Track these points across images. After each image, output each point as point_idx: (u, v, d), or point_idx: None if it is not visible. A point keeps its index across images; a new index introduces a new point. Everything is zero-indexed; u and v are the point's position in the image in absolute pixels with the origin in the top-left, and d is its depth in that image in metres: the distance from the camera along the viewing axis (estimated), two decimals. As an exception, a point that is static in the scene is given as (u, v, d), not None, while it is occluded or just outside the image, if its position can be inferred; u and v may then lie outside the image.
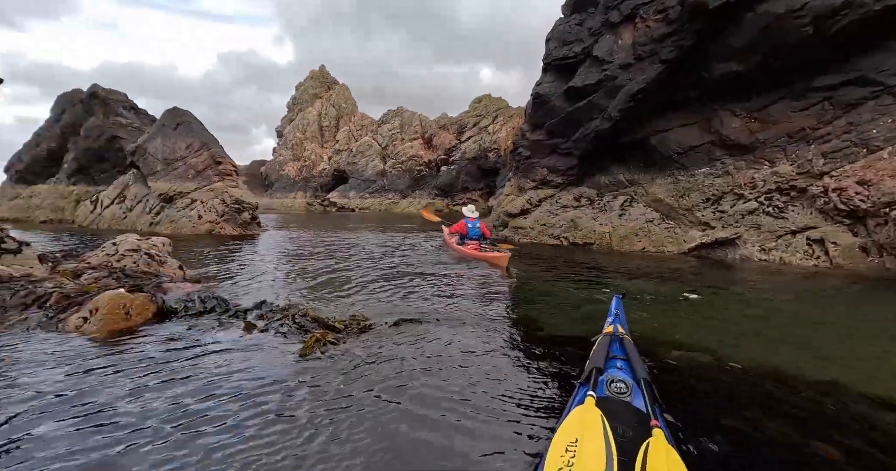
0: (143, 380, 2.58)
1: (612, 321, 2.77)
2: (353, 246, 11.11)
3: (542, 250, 10.80)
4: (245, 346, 3.15)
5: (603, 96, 10.20)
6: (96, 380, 2.56)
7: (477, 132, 54.65)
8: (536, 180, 12.35)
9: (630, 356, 2.25)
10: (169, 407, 2.28)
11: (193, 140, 14.12)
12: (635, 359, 2.20)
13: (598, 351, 2.29)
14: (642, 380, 1.95)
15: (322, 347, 3.11)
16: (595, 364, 2.09)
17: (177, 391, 2.46)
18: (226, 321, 3.61)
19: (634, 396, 1.88)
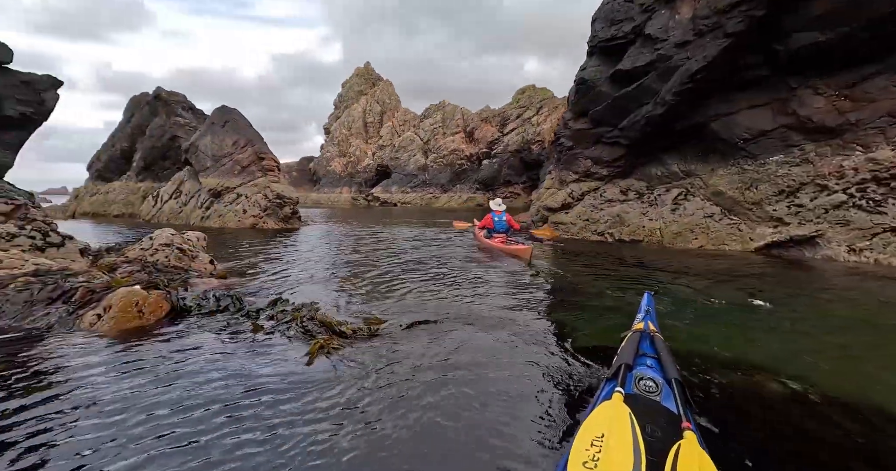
0: (126, 385, 2.47)
1: (643, 318, 2.69)
2: (384, 240, 11.01)
3: (585, 247, 10.07)
4: (247, 351, 2.98)
5: (655, 79, 9.22)
6: (77, 384, 2.48)
7: (520, 124, 53.19)
8: (579, 172, 11.54)
9: (661, 355, 2.15)
10: (139, 417, 2.13)
11: (239, 137, 14.70)
12: (666, 358, 2.10)
13: (628, 347, 2.20)
14: (673, 380, 1.87)
15: (326, 354, 2.88)
16: (624, 360, 2.01)
17: (157, 398, 2.31)
18: (235, 322, 3.48)
19: (664, 396, 1.80)
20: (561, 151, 12.02)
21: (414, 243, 10.15)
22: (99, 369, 2.66)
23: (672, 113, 9.10)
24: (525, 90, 57.80)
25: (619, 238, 10.40)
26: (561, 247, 9.82)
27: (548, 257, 8.36)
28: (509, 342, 3.33)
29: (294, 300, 4.41)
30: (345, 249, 9.30)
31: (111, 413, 2.17)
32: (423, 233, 13.13)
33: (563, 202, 11.71)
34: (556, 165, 12.49)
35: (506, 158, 50.40)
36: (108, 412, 2.18)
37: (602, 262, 7.82)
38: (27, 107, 6.30)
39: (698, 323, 3.97)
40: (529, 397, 2.46)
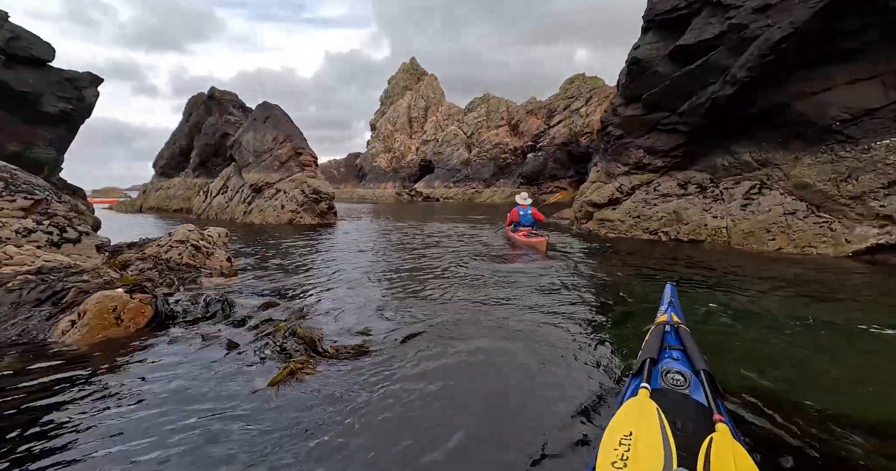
0: (48, 415, 2.10)
1: (667, 310, 2.61)
2: (411, 237, 10.56)
3: (635, 247, 8.97)
4: (213, 371, 2.56)
5: (725, 54, 7.89)
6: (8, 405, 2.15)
7: (568, 115, 50.75)
8: (629, 164, 10.34)
9: (687, 346, 2.07)
10: (59, 444, 1.72)
11: (279, 133, 14.90)
12: (692, 349, 2.02)
13: (652, 341, 2.12)
14: (702, 371, 1.80)
15: (297, 380, 2.38)
16: (648, 354, 1.94)
17: (89, 424, 1.92)
18: (215, 334, 3.10)
19: (694, 388, 1.74)
20: (608, 140, 10.86)
21: (441, 241, 9.60)
22: (32, 393, 2.33)
23: (745, 93, 7.74)
24: (574, 80, 55.07)
25: (676, 237, 9.17)
26: (608, 247, 8.80)
27: (590, 258, 7.45)
28: (525, 365, 2.66)
29: (291, 305, 4.01)
30: (368, 247, 8.94)
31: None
32: (454, 229, 12.54)
33: (611, 197, 10.58)
34: (602, 157, 11.33)
35: (552, 152, 48.41)
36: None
37: (656, 264, 6.79)
38: (67, 103, 6.49)
39: (802, 356, 3.03)
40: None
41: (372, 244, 9.31)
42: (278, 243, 9.36)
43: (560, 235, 11.64)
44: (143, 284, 3.75)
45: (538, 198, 47.32)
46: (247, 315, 3.43)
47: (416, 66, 78.14)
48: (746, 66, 7.40)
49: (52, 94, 6.25)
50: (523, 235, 8.32)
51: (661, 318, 2.51)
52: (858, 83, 6.98)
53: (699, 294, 4.91)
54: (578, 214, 11.69)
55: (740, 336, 3.43)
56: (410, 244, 9.47)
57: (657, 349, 2.02)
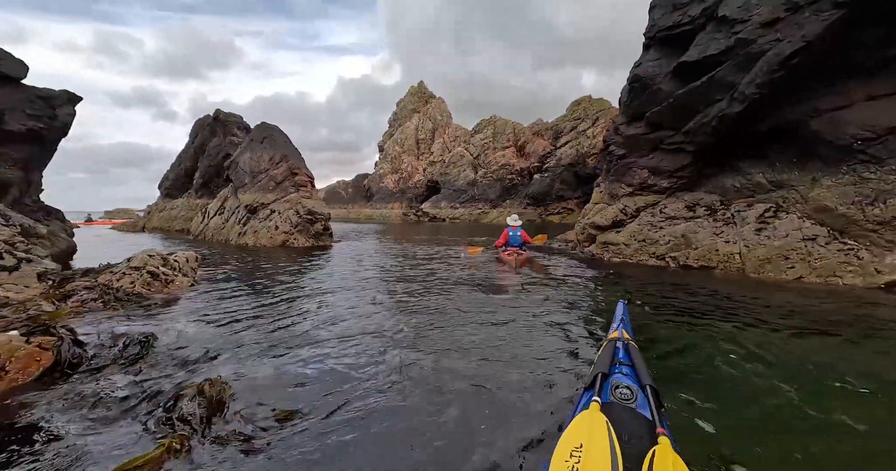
0: None
1: (618, 326, 2.74)
2: (407, 260, 10.04)
3: (640, 273, 8.32)
4: (77, 448, 2.01)
5: (732, 70, 7.44)
6: None
7: (574, 137, 50.83)
8: (633, 185, 9.80)
9: (635, 362, 2.14)
10: None
11: (275, 152, 14.74)
12: (640, 365, 2.09)
13: (604, 356, 2.22)
14: (648, 386, 1.86)
15: (174, 457, 1.82)
16: (600, 369, 2.02)
17: None
18: (110, 389, 2.55)
19: (640, 402, 1.79)
20: (611, 160, 10.37)
21: (435, 267, 9.05)
22: None
23: (754, 110, 7.24)
24: (580, 101, 55.43)
25: (685, 263, 8.49)
26: (610, 273, 8.16)
27: (589, 285, 6.83)
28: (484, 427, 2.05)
29: (229, 347, 3.46)
30: (353, 275, 8.40)
31: None
32: (449, 252, 12.01)
33: (614, 219, 9.99)
34: (605, 177, 10.82)
35: (559, 173, 48.19)
36: None
37: (660, 293, 6.13)
38: (37, 121, 6.25)
39: (811, 422, 2.37)
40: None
41: (359, 272, 8.78)
42: (258, 269, 8.89)
43: (561, 258, 11.02)
44: (52, 323, 3.24)
45: (544, 218, 46.76)
46: (166, 360, 2.89)
47: (423, 89, 79.76)
48: (755, 82, 6.93)
49: (20, 112, 6.04)
50: (508, 255, 9.12)
51: (612, 334, 2.59)
52: (880, 99, 6.43)
53: (706, 329, 4.25)
54: (581, 237, 11.09)
55: (749, 387, 2.79)
56: (399, 270, 8.94)
57: (608, 364, 2.09)
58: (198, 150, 24.56)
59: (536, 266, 9.56)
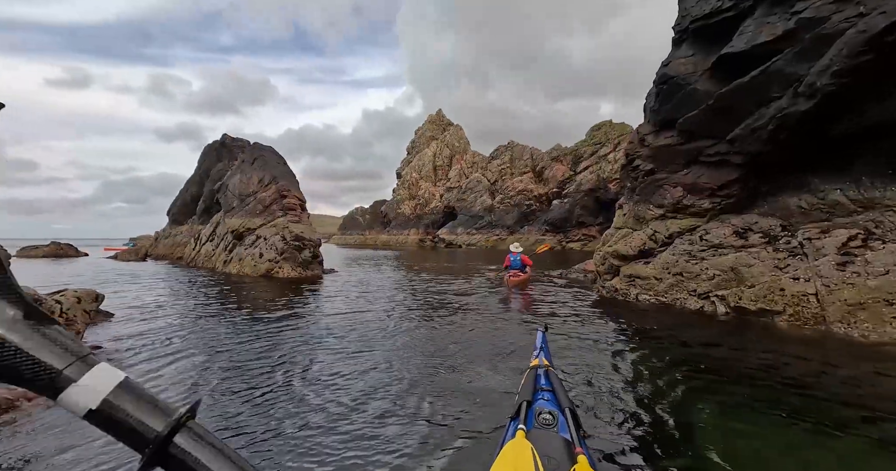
0: None
1: (538, 354, 2.82)
2: (408, 298, 8.49)
3: (674, 320, 6.48)
4: None
5: (794, 59, 5.82)
6: None
7: (595, 162, 49.28)
8: (665, 206, 8.05)
9: (555, 387, 2.25)
10: None
11: (265, 174, 13.75)
12: (559, 389, 2.20)
13: (526, 384, 2.30)
14: (567, 409, 1.97)
15: None
16: (524, 398, 2.09)
17: None
18: None
19: (561, 426, 1.89)
20: (636, 177, 8.70)
21: (438, 306, 7.45)
22: None
23: (829, 107, 5.53)
24: (601, 126, 54.17)
25: (738, 304, 6.58)
26: (632, 324, 6.34)
27: (602, 347, 5.06)
28: None
29: None
30: (330, 323, 6.89)
31: None
32: (456, 284, 10.39)
33: (642, 247, 8.19)
34: (629, 197, 9.10)
35: (579, 198, 46.30)
36: None
37: (711, 365, 4.32)
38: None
39: None
40: None
41: (337, 319, 7.26)
42: (203, 314, 7.50)
43: (577, 296, 9.20)
44: None
45: (565, 246, 44.53)
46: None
47: (441, 117, 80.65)
48: (831, 70, 5.26)
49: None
50: (510, 276, 10.41)
51: (533, 362, 2.66)
52: None
53: (777, 438, 2.46)
54: (601, 268, 9.27)
55: None
56: (397, 311, 7.38)
57: (531, 392, 2.17)
58: (203, 175, 24.25)
59: (542, 307, 7.81)
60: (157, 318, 6.84)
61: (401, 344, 5.13)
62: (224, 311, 7.50)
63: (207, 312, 7.45)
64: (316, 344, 5.17)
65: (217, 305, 8.09)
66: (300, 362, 4.40)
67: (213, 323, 6.52)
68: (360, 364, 4.31)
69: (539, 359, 2.68)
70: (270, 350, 4.93)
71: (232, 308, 7.73)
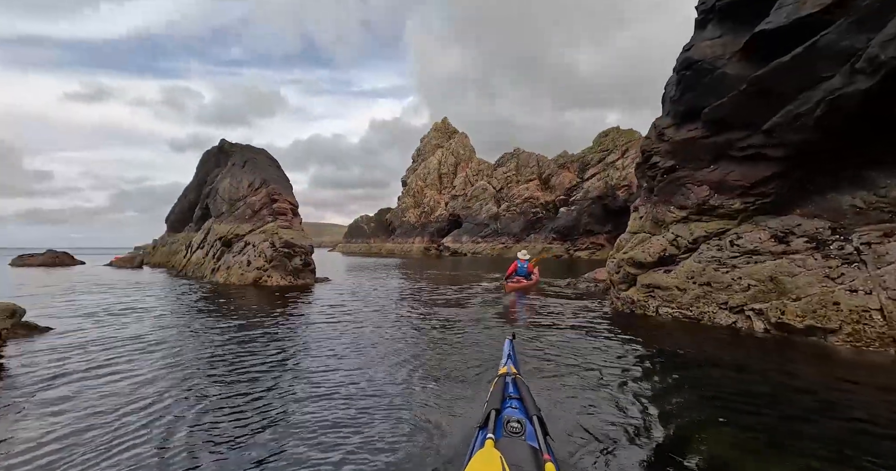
0: None
1: (506, 362, 2.83)
2: (403, 316, 7.63)
3: (703, 338, 5.53)
4: None
5: (848, 31, 4.93)
6: None
7: (602, 169, 48.22)
8: (688, 207, 7.12)
9: (523, 395, 2.24)
10: None
11: (256, 177, 13.05)
12: (527, 397, 2.20)
13: (495, 393, 2.28)
14: (534, 417, 1.98)
15: None
16: (493, 406, 2.08)
17: None
18: None
19: (528, 434, 1.89)
20: (654, 176, 7.79)
21: (437, 323, 6.59)
22: None
23: (894, 84, 4.62)
24: (608, 133, 53.18)
25: (780, 320, 5.61)
26: (652, 342, 5.40)
27: (624, 365, 4.13)
28: None
29: None
30: (327, 331, 6.05)
31: None
32: (459, 296, 9.50)
33: (662, 254, 7.25)
34: (646, 199, 8.19)
35: (586, 206, 45.28)
36: None
37: (745, 391, 3.38)
38: None
39: None
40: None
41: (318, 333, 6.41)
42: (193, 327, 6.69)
43: (587, 307, 8.25)
44: None
45: (572, 254, 43.38)
46: None
47: (447, 125, 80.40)
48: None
49: None
50: (515, 282, 10.54)
51: (502, 370, 2.67)
52: None
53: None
54: (615, 277, 8.31)
55: None
56: (386, 326, 6.52)
57: (499, 400, 2.17)
58: (202, 182, 23.71)
59: (546, 319, 6.88)
60: (99, 331, 6.02)
61: (384, 369, 4.25)
62: (185, 323, 6.67)
63: (167, 324, 6.63)
64: (288, 364, 4.32)
65: (184, 317, 7.27)
66: (256, 389, 3.54)
67: (167, 336, 5.69)
68: (337, 387, 3.45)
69: (507, 367, 2.70)
70: (227, 367, 4.08)
71: (194, 320, 6.91)
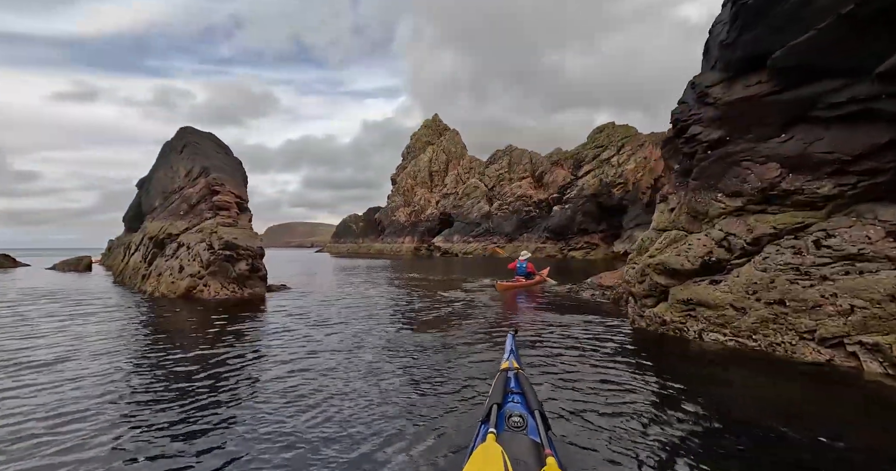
0: None
1: (508, 357, 2.82)
2: (368, 322, 5.52)
3: (779, 381, 3.52)
4: None
5: None
6: None
7: (597, 165, 46.42)
8: (745, 194, 5.13)
9: (524, 389, 2.25)
10: None
11: (194, 165, 10.84)
12: (529, 392, 2.21)
13: (497, 387, 2.29)
14: (536, 412, 1.99)
15: None
16: (494, 400, 2.10)
17: None
18: None
19: (530, 428, 1.90)
20: (692, 152, 5.79)
21: (391, 353, 4.49)
22: None
23: None
24: (603, 128, 51.38)
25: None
26: (694, 383, 3.41)
27: (656, 425, 2.11)
28: None
29: None
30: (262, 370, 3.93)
31: None
32: (444, 314, 7.44)
33: (706, 258, 5.26)
34: (678, 184, 6.18)
35: (580, 204, 43.46)
36: None
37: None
38: None
39: None
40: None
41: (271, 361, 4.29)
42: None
43: (598, 326, 6.19)
44: None
45: (566, 254, 41.60)
46: None
47: (438, 121, 78.28)
48: None
49: None
50: (514, 281, 11.32)
51: (504, 365, 2.69)
52: None
53: None
54: (637, 288, 6.30)
55: None
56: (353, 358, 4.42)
57: (501, 395, 2.17)
58: (161, 175, 21.32)
59: (546, 346, 4.84)
60: None
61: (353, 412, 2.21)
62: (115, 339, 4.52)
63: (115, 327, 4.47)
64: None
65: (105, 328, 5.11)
66: None
67: None
68: None
69: (509, 362, 2.71)
70: None
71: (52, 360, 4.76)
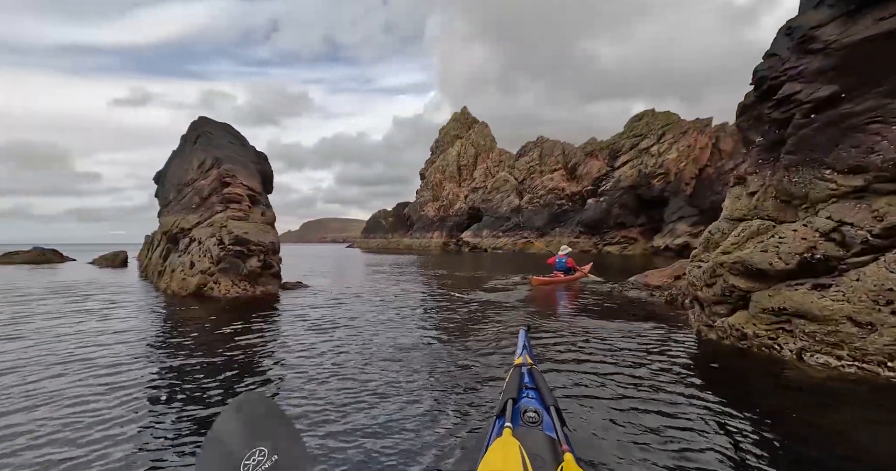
0: None
1: (521, 353, 2.84)
2: (388, 328, 4.69)
3: None
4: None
5: None
6: None
7: (636, 155, 43.70)
8: (870, 168, 3.79)
9: (539, 385, 2.26)
10: None
11: (207, 156, 10.39)
12: (543, 387, 2.22)
13: (511, 382, 2.30)
14: (552, 407, 1.99)
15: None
16: (509, 395, 2.10)
17: None
18: None
19: (546, 424, 1.90)
20: (786, 118, 4.48)
21: (411, 364, 3.61)
22: None
23: None
24: (642, 116, 48.32)
25: None
26: (813, 426, 2.23)
27: None
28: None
29: None
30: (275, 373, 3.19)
31: None
32: (473, 316, 6.50)
33: (806, 255, 3.98)
34: (760, 161, 4.86)
35: (617, 196, 41.07)
36: None
37: None
38: None
39: None
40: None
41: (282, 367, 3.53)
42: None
43: (651, 336, 5.00)
44: None
45: (601, 249, 39.47)
46: None
47: (466, 115, 76.90)
48: None
49: None
50: (551, 277, 11.12)
51: (517, 360, 2.71)
52: None
53: None
54: (704, 292, 5.07)
55: None
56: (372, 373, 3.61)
57: (516, 390, 2.18)
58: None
59: (591, 358, 3.76)
60: None
61: None
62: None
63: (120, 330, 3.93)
64: None
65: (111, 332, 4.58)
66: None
67: None
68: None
69: (522, 357, 2.72)
70: None
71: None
